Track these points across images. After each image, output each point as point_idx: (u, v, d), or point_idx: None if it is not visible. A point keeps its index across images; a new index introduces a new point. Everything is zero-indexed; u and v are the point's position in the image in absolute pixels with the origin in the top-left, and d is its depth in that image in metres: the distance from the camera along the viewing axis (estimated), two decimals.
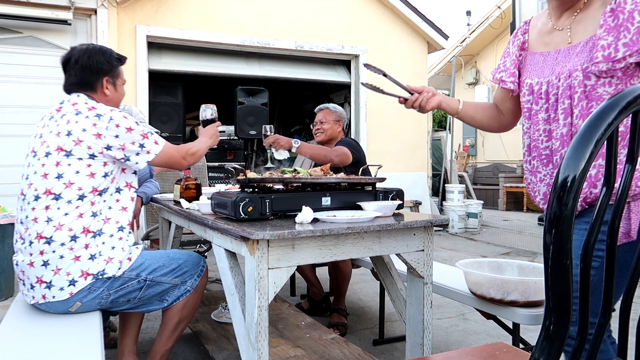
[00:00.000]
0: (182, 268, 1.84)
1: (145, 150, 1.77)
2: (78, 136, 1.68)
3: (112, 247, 1.72)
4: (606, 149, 0.64)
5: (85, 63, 1.82)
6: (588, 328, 0.64)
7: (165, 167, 1.92)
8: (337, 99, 7.36)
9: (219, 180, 6.26)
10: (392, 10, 6.40)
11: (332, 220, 1.52)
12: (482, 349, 1.12)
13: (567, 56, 1.33)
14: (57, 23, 4.73)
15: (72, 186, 1.67)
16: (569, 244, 0.55)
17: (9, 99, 4.63)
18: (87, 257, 1.66)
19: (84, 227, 1.67)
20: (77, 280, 1.65)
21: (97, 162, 1.71)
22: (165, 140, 1.86)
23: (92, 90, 1.84)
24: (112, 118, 1.71)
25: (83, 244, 1.66)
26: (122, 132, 1.71)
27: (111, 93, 1.89)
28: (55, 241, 1.63)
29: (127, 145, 1.73)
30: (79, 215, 1.67)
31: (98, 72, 1.84)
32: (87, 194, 1.69)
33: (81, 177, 1.68)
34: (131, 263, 1.74)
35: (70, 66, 1.84)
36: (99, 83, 1.85)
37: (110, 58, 1.88)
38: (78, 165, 1.68)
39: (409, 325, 1.75)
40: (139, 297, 1.77)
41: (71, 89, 1.84)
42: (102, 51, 1.88)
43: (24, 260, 1.66)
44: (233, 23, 5.58)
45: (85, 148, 1.68)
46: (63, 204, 1.66)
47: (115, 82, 1.90)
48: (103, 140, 1.69)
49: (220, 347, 2.24)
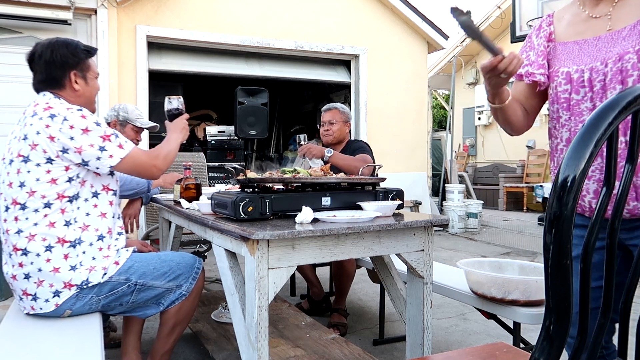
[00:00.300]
0: (175, 271, 1.78)
1: (107, 154, 1.61)
2: (33, 140, 1.56)
3: (92, 258, 1.64)
4: (606, 149, 0.64)
5: (49, 58, 1.69)
6: (588, 328, 0.64)
7: (135, 175, 1.76)
8: (337, 99, 7.36)
9: (219, 180, 6.25)
10: (392, 10, 6.40)
11: (332, 220, 1.52)
12: (482, 349, 1.12)
13: (611, 42, 1.29)
14: (57, 23, 4.72)
15: (34, 194, 1.57)
16: (569, 244, 0.55)
17: (9, 99, 4.63)
18: (68, 269, 1.59)
19: (59, 237, 1.59)
20: (62, 291, 1.60)
21: (57, 166, 1.59)
22: (135, 145, 1.69)
23: (60, 86, 1.71)
24: (67, 118, 1.57)
25: (61, 254, 1.59)
26: (77, 133, 1.57)
27: (82, 87, 1.74)
28: (31, 252, 1.57)
29: (84, 147, 1.58)
30: (49, 224, 1.58)
31: (63, 66, 1.70)
32: (53, 201, 1.59)
33: (42, 185, 1.57)
34: (119, 267, 1.68)
35: (35, 63, 1.71)
36: (66, 78, 1.71)
37: (76, 50, 1.73)
38: (37, 171, 1.57)
39: (409, 325, 1.75)
40: (132, 301, 1.72)
41: (39, 88, 1.73)
42: (66, 44, 1.73)
43: (8, 272, 1.63)
44: (233, 23, 5.58)
45: (41, 152, 1.56)
46: (30, 213, 1.57)
47: (85, 75, 1.75)
48: (57, 142, 1.56)
49: (220, 347, 2.24)
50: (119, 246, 1.75)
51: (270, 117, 6.10)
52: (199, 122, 7.62)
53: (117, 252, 1.72)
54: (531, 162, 10.04)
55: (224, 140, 6.66)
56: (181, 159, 3.51)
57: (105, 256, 1.67)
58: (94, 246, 1.65)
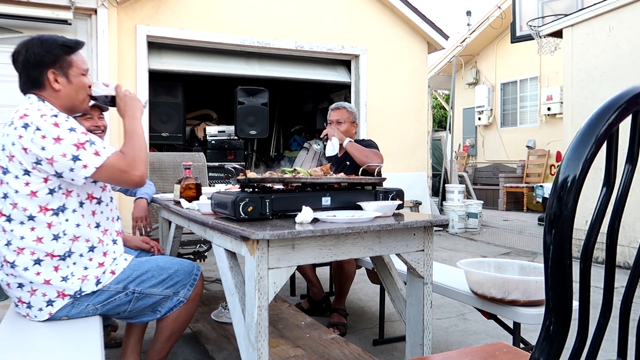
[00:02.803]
0: (173, 278, 1.72)
1: (81, 164, 1.47)
2: (10, 151, 1.48)
3: (84, 268, 1.60)
4: (606, 149, 0.63)
5: (24, 57, 1.59)
6: (588, 328, 0.64)
7: (114, 184, 1.64)
8: (337, 99, 7.35)
9: (219, 180, 6.25)
10: (392, 10, 6.40)
11: (332, 220, 1.52)
12: (482, 349, 1.12)
13: None
14: (57, 23, 4.72)
15: (17, 207, 1.51)
16: (569, 244, 0.55)
17: (9, 99, 4.62)
18: (59, 280, 1.55)
19: (47, 252, 1.53)
20: (55, 300, 1.56)
21: (35, 178, 1.49)
22: (113, 151, 1.54)
23: (40, 87, 1.60)
24: (39, 127, 1.45)
25: (51, 266, 1.54)
26: (48, 143, 1.45)
27: (63, 87, 1.60)
28: (19, 266, 1.53)
29: (56, 158, 1.45)
30: (36, 239, 1.52)
31: (39, 65, 1.58)
32: (37, 214, 1.51)
33: (22, 198, 1.50)
34: (115, 276, 1.63)
35: (16, 64, 1.62)
36: (44, 78, 1.58)
37: (51, 47, 1.59)
38: (16, 183, 1.50)
39: (409, 325, 1.75)
40: (129, 309, 1.67)
41: (24, 89, 1.64)
42: (42, 41, 1.60)
43: (3, 280, 1.60)
44: (233, 23, 5.58)
45: (18, 164, 1.48)
46: (16, 225, 1.52)
47: (67, 72, 1.60)
48: (30, 154, 1.46)
49: (220, 347, 2.24)
50: (116, 254, 1.70)
51: (270, 117, 6.10)
52: (199, 122, 7.62)
53: (114, 260, 1.67)
54: (531, 162, 10.04)
55: (224, 140, 6.66)
56: (181, 159, 3.52)
57: (99, 264, 1.63)
58: (84, 257, 1.60)
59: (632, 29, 4.37)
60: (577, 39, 4.90)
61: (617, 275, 0.92)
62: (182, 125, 6.48)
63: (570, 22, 4.96)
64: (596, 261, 4.18)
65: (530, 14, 7.28)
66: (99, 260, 1.64)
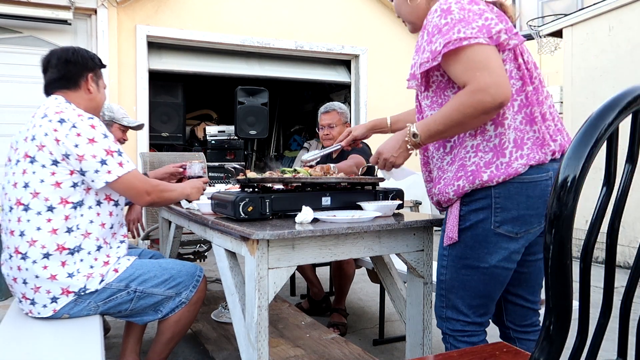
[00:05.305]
0: (175, 279, 1.75)
1: (106, 169, 1.59)
2: (41, 141, 1.57)
3: (90, 266, 1.63)
4: (606, 149, 0.64)
5: (70, 57, 1.72)
6: (588, 328, 0.64)
7: (125, 195, 1.72)
8: (337, 99, 7.35)
9: (219, 180, 6.25)
10: (392, 10, 6.39)
11: (332, 220, 1.52)
12: (482, 349, 1.12)
13: None
14: (57, 23, 4.73)
15: (38, 196, 1.57)
16: (569, 244, 0.55)
17: (9, 99, 4.63)
18: (65, 276, 1.59)
19: (58, 244, 1.58)
20: (59, 297, 1.59)
21: (62, 169, 1.58)
22: (134, 167, 1.67)
23: (75, 86, 1.73)
24: (75, 125, 1.57)
25: (58, 261, 1.58)
26: (82, 141, 1.56)
27: (94, 92, 1.77)
28: (29, 257, 1.57)
29: (86, 157, 1.56)
30: (52, 231, 1.57)
31: (83, 66, 1.74)
32: (57, 206, 1.57)
33: (46, 187, 1.57)
34: (118, 275, 1.67)
35: (52, 64, 1.73)
36: (83, 78, 1.74)
37: (93, 57, 1.80)
38: (42, 173, 1.57)
39: (409, 325, 1.75)
40: (130, 308, 1.70)
41: (51, 88, 1.74)
42: (86, 50, 1.80)
43: (9, 274, 1.63)
44: (233, 23, 5.58)
45: (48, 153, 1.56)
46: (32, 215, 1.57)
47: (97, 82, 1.79)
48: (61, 146, 1.56)
49: (220, 347, 2.24)
50: (120, 254, 1.73)
51: (270, 117, 6.10)
52: (199, 122, 7.62)
53: (118, 260, 1.71)
54: None
55: (224, 140, 6.66)
56: (181, 159, 3.52)
57: (104, 263, 1.66)
58: (91, 255, 1.64)
59: (632, 29, 4.37)
60: (577, 39, 4.90)
61: (617, 275, 0.92)
62: (182, 125, 6.48)
63: (570, 22, 4.96)
64: (596, 261, 4.19)
65: (530, 14, 7.29)
66: (104, 259, 1.67)
